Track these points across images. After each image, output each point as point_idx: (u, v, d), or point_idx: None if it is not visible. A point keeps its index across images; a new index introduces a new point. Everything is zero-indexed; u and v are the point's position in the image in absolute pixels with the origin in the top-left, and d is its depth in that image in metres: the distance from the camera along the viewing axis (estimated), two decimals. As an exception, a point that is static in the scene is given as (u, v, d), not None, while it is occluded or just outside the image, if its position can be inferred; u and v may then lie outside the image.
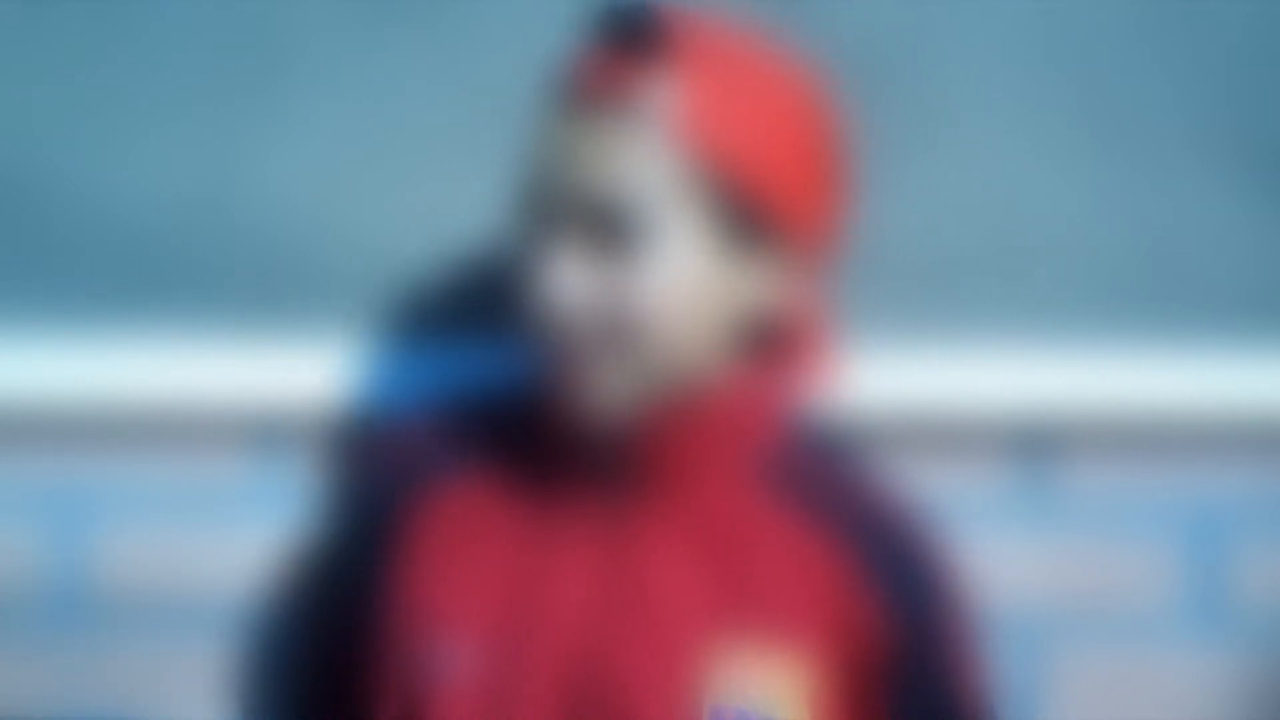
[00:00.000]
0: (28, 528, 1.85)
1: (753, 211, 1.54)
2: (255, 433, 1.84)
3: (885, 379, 1.84)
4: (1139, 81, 1.86)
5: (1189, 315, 1.86)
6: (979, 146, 1.86)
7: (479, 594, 1.58)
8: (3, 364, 1.83)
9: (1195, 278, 1.86)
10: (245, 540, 1.85)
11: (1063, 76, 1.86)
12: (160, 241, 1.86)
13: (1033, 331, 1.86)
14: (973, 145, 1.86)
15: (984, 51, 1.86)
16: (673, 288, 1.52)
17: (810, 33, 1.86)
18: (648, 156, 1.52)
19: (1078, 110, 1.86)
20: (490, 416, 1.65)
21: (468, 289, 1.86)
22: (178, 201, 1.86)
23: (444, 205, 1.86)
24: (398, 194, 1.86)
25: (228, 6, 1.85)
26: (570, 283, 1.53)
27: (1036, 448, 1.85)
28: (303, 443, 1.84)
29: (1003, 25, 1.86)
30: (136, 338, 1.86)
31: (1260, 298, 1.86)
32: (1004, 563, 1.85)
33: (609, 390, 1.54)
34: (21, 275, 1.86)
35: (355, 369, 1.84)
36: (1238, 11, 1.86)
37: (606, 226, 1.52)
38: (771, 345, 1.60)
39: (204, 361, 1.83)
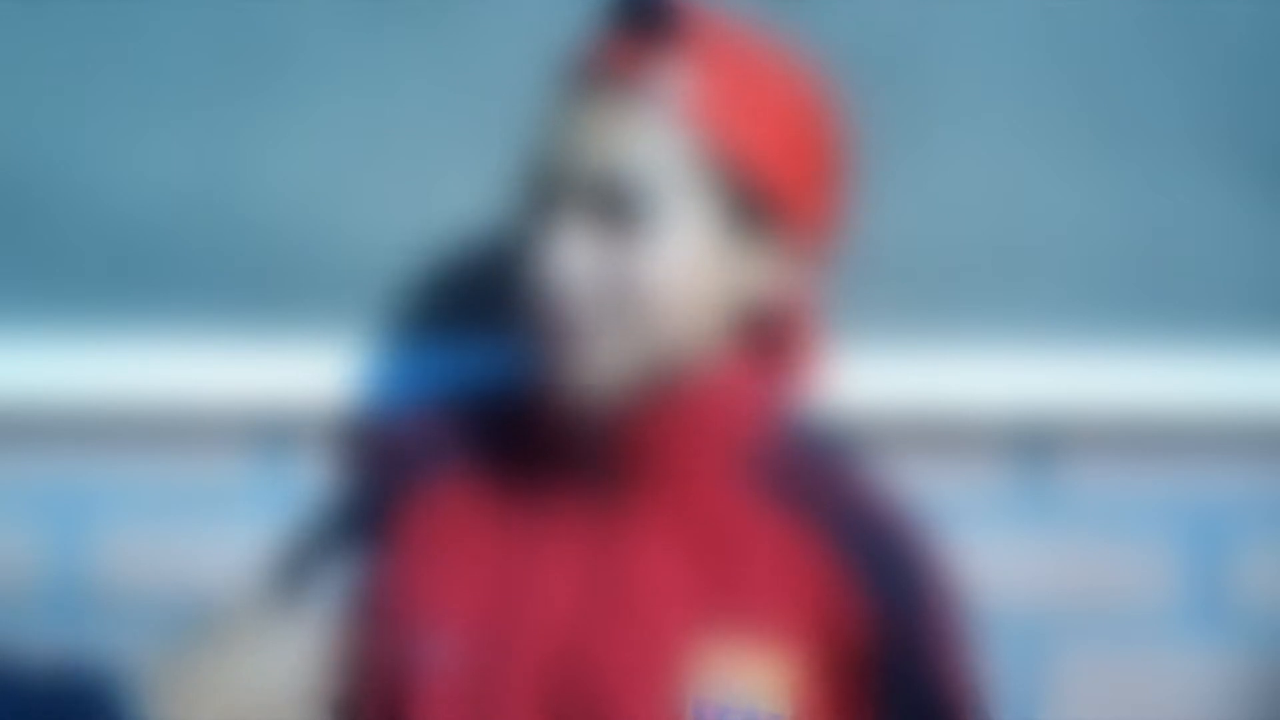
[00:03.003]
0: (28, 528, 1.85)
1: (756, 200, 1.55)
2: (255, 432, 1.85)
3: (885, 379, 1.84)
4: (1139, 81, 1.86)
5: (1189, 315, 1.86)
6: (979, 146, 1.86)
7: (465, 589, 1.59)
8: (3, 364, 1.83)
9: (1195, 278, 1.86)
10: (245, 540, 1.85)
11: (1063, 76, 1.86)
12: (161, 241, 1.86)
13: (1032, 331, 1.86)
14: (973, 145, 1.86)
15: (984, 51, 1.86)
16: (673, 268, 1.53)
17: (811, 32, 1.86)
18: (656, 138, 1.53)
19: (1078, 110, 1.86)
20: (480, 412, 1.66)
21: (466, 287, 1.86)
22: (178, 201, 1.86)
23: (443, 203, 1.86)
24: (397, 192, 1.86)
25: (228, 6, 1.86)
26: (572, 259, 1.54)
27: (1036, 448, 1.85)
28: (303, 441, 1.84)
29: (1003, 25, 1.86)
30: (136, 337, 1.86)
31: (1260, 298, 1.86)
32: (1004, 563, 1.85)
33: (603, 367, 1.54)
34: (23, 275, 1.86)
35: (354, 366, 1.84)
36: (1238, 12, 1.86)
37: (611, 204, 1.53)
38: (766, 338, 1.61)
39: (204, 361, 1.84)
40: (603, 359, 1.54)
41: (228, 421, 1.84)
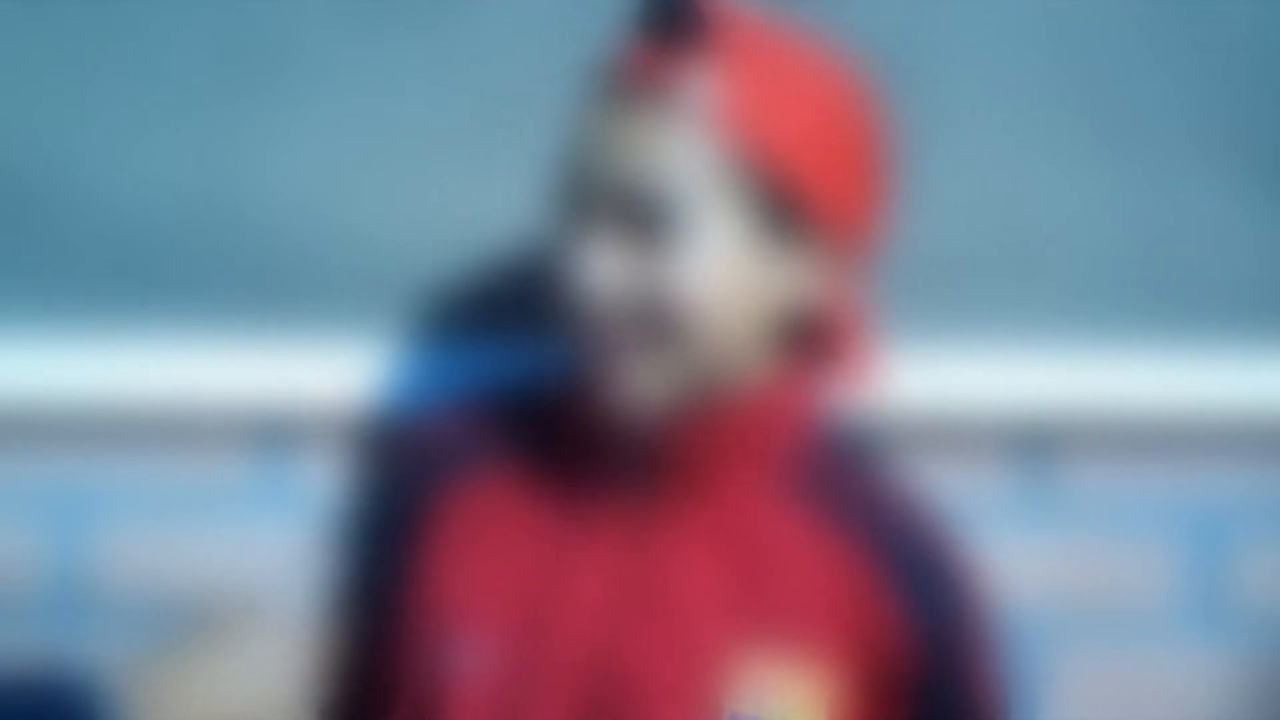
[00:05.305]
0: (28, 528, 1.85)
1: (790, 204, 1.54)
2: (255, 432, 1.84)
3: (885, 379, 1.83)
4: (1140, 81, 1.86)
5: (1189, 315, 1.86)
6: (980, 146, 1.86)
7: (498, 590, 1.58)
8: (3, 364, 1.83)
9: (1196, 278, 1.86)
10: (246, 540, 1.85)
11: (1065, 76, 1.86)
12: (161, 241, 1.86)
13: (1034, 331, 1.86)
14: (974, 145, 1.86)
15: (985, 52, 1.86)
16: (708, 278, 1.52)
17: (818, 32, 1.86)
18: (685, 146, 1.52)
19: (1080, 110, 1.86)
20: (515, 412, 1.65)
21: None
22: (179, 201, 1.86)
23: (445, 202, 1.86)
24: (398, 192, 1.86)
25: (228, 6, 1.85)
26: (605, 272, 1.52)
27: (1038, 448, 1.85)
28: (303, 442, 1.84)
29: (1004, 26, 1.86)
30: (137, 337, 1.86)
31: (1260, 298, 1.86)
32: (1005, 563, 1.85)
33: (644, 382, 1.52)
34: (23, 275, 1.86)
35: (362, 366, 1.84)
36: (1238, 12, 1.86)
37: (642, 215, 1.52)
38: (808, 345, 1.60)
39: (205, 361, 1.83)
40: (641, 374, 1.52)
41: (228, 421, 1.84)
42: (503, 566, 1.58)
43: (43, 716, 1.68)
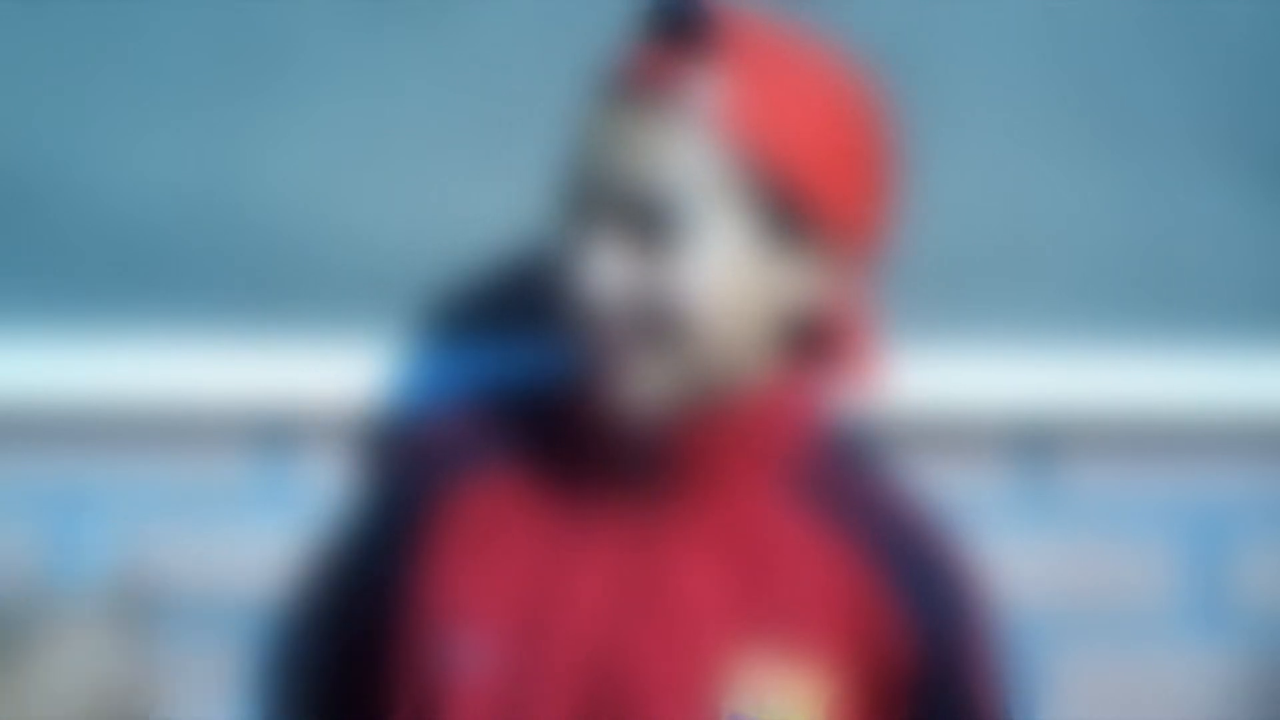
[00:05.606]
0: (28, 528, 1.85)
1: (794, 207, 1.54)
2: (255, 432, 1.84)
3: (889, 381, 1.83)
4: (1140, 81, 1.86)
5: (1189, 315, 1.86)
6: (980, 147, 1.86)
7: (500, 590, 1.58)
8: (3, 364, 1.83)
9: (1196, 277, 1.86)
10: (246, 541, 1.85)
11: (1065, 76, 1.86)
12: (161, 241, 1.86)
13: (1034, 331, 1.86)
14: (974, 145, 1.86)
15: (985, 51, 1.86)
16: (712, 281, 1.52)
17: (819, 33, 1.86)
18: (690, 149, 1.52)
19: (1080, 111, 1.86)
20: (518, 413, 1.65)
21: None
22: (179, 201, 1.86)
23: (445, 202, 1.86)
24: (398, 192, 1.86)
25: (228, 6, 1.85)
26: (609, 275, 1.52)
27: (1037, 447, 1.85)
28: (303, 442, 1.84)
29: (1004, 25, 1.86)
30: (137, 337, 1.85)
31: (1260, 298, 1.86)
32: (1005, 563, 1.85)
33: (647, 385, 1.53)
34: (23, 274, 1.86)
35: (362, 367, 1.84)
36: (1238, 12, 1.86)
37: (646, 219, 1.52)
38: (811, 347, 1.60)
39: (205, 361, 1.83)
40: (643, 377, 1.53)
41: (228, 421, 1.84)
42: (504, 567, 1.58)
43: None
